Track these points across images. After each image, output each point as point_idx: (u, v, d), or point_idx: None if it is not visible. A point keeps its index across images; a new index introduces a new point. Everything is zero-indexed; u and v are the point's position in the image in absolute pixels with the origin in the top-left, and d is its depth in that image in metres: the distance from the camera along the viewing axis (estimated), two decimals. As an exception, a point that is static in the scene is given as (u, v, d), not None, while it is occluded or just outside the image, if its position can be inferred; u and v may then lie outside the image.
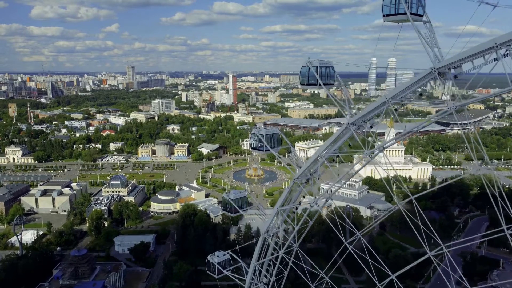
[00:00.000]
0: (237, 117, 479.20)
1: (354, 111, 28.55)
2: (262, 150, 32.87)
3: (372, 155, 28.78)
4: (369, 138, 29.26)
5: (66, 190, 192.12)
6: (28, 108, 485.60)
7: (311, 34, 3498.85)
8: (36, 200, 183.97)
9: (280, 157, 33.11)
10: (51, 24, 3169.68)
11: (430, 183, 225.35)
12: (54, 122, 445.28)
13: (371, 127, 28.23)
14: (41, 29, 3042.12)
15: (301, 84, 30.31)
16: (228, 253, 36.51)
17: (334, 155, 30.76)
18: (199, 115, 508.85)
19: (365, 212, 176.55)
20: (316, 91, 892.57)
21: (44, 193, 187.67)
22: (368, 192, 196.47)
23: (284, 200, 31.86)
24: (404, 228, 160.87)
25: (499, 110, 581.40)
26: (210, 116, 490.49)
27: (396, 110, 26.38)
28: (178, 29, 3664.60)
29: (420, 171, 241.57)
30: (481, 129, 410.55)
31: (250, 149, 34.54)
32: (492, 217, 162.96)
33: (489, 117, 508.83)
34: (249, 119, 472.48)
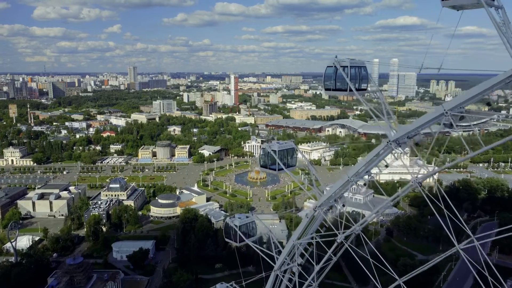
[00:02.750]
0: (238, 118, 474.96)
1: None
2: (275, 169, 27.62)
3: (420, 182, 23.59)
4: (419, 162, 24.18)
5: (64, 193, 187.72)
6: (28, 109, 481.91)
7: (313, 35, 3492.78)
8: (33, 204, 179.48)
9: (296, 179, 27.73)
10: (53, 25, 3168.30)
11: (436, 186, 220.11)
12: (54, 123, 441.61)
13: (417, 144, 23.26)
14: (43, 29, 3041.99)
15: (326, 90, 24.88)
16: (232, 285, 31.57)
17: (366, 177, 25.75)
18: (201, 116, 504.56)
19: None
20: (318, 92, 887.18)
21: (42, 196, 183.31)
22: (373, 196, 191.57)
23: (302, 231, 26.91)
24: (411, 234, 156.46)
25: (503, 112, 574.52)
26: (211, 117, 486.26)
27: (451, 125, 21.30)
28: (180, 30, 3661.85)
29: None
30: (486, 131, 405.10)
31: (259, 168, 29.28)
32: (502, 222, 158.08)
33: (493, 118, 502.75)
34: (251, 120, 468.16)
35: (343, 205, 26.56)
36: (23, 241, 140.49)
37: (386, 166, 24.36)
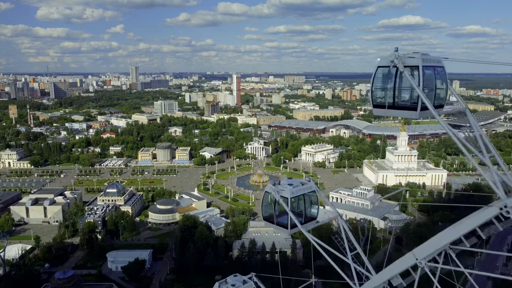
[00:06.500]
0: (241, 119, 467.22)
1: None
2: (286, 227, 18.80)
3: None
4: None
5: (59, 198, 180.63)
6: (28, 110, 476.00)
7: (316, 34, 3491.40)
8: (27, 209, 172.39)
9: (317, 244, 18.19)
10: (57, 25, 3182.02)
11: (445, 190, 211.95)
12: (54, 124, 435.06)
13: None
14: (46, 30, 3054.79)
15: (375, 106, 16.44)
16: (251, 278, 23.64)
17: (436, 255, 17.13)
18: (202, 117, 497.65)
19: (378, 223, 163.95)
20: (321, 92, 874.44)
21: (36, 202, 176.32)
22: (380, 201, 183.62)
23: None
24: (422, 242, 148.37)
25: (510, 112, 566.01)
26: (213, 118, 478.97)
27: None
28: (182, 30, 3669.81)
29: (435, 177, 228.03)
30: (493, 132, 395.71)
31: (262, 220, 20.81)
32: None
33: (500, 119, 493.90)
34: (253, 121, 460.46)
35: None
36: (13, 251, 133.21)
37: (479, 238, 16.19)
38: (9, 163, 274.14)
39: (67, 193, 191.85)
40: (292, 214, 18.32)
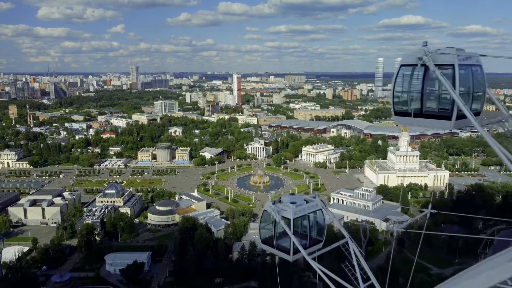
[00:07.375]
0: (241, 119, 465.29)
1: None
2: (287, 252, 16.33)
3: None
4: None
5: (58, 199, 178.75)
6: (28, 110, 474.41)
7: (316, 34, 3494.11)
8: (25, 211, 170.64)
9: (323, 273, 15.31)
10: (58, 25, 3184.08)
11: (448, 191, 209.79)
12: (54, 124, 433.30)
13: None
14: (47, 30, 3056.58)
15: (397, 114, 13.71)
16: None
17: None
18: (203, 117, 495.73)
19: (380, 225, 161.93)
20: (322, 92, 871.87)
21: (34, 203, 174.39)
22: (382, 202, 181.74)
23: None
24: (424, 244, 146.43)
25: (511, 112, 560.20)
26: (213, 118, 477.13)
27: None
28: (183, 30, 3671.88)
29: (437, 178, 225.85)
30: (495, 132, 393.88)
31: (260, 243, 18.35)
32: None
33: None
34: (253, 121, 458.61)
35: None
36: (10, 253, 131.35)
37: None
38: (8, 163, 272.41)
39: (66, 194, 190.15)
40: (294, 238, 15.85)
